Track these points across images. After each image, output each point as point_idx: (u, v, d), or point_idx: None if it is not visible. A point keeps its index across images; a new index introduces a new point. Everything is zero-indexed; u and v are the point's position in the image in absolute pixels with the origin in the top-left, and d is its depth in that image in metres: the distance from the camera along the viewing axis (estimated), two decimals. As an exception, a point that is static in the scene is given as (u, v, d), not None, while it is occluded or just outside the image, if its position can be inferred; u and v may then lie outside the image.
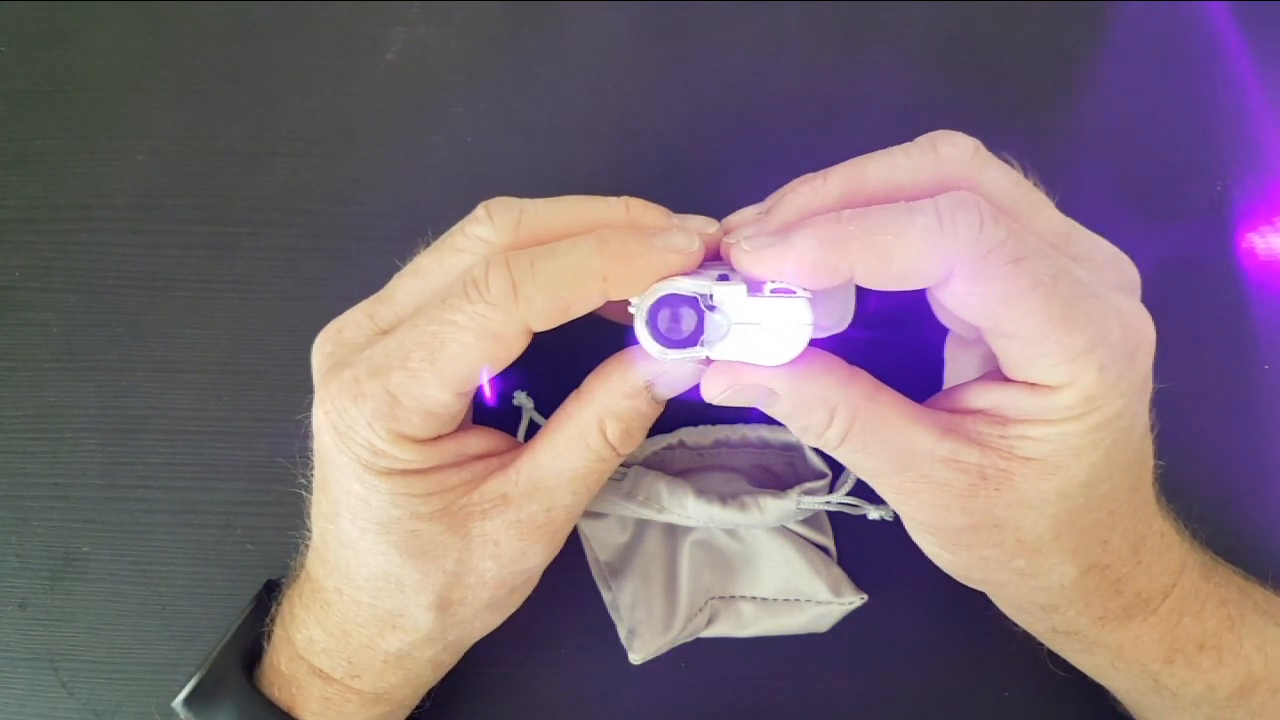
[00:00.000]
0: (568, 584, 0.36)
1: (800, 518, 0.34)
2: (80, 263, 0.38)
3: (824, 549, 0.36)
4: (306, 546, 0.32)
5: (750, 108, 0.39)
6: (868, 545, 0.36)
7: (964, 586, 0.36)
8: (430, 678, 0.33)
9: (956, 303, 0.25)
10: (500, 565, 0.29)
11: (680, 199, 0.31)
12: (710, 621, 0.35)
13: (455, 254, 0.28)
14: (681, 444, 0.36)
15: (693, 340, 0.26)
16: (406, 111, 0.39)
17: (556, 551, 0.30)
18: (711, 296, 0.25)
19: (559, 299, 0.25)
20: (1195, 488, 0.34)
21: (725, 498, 0.33)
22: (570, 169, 0.39)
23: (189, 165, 0.39)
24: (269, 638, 0.32)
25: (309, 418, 0.29)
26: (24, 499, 0.37)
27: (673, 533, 0.36)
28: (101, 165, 0.39)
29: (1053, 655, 0.33)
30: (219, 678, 0.31)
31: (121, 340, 0.38)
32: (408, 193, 0.39)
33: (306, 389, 0.39)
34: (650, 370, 0.27)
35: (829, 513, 0.36)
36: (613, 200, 0.28)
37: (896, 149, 0.27)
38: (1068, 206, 0.39)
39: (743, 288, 0.25)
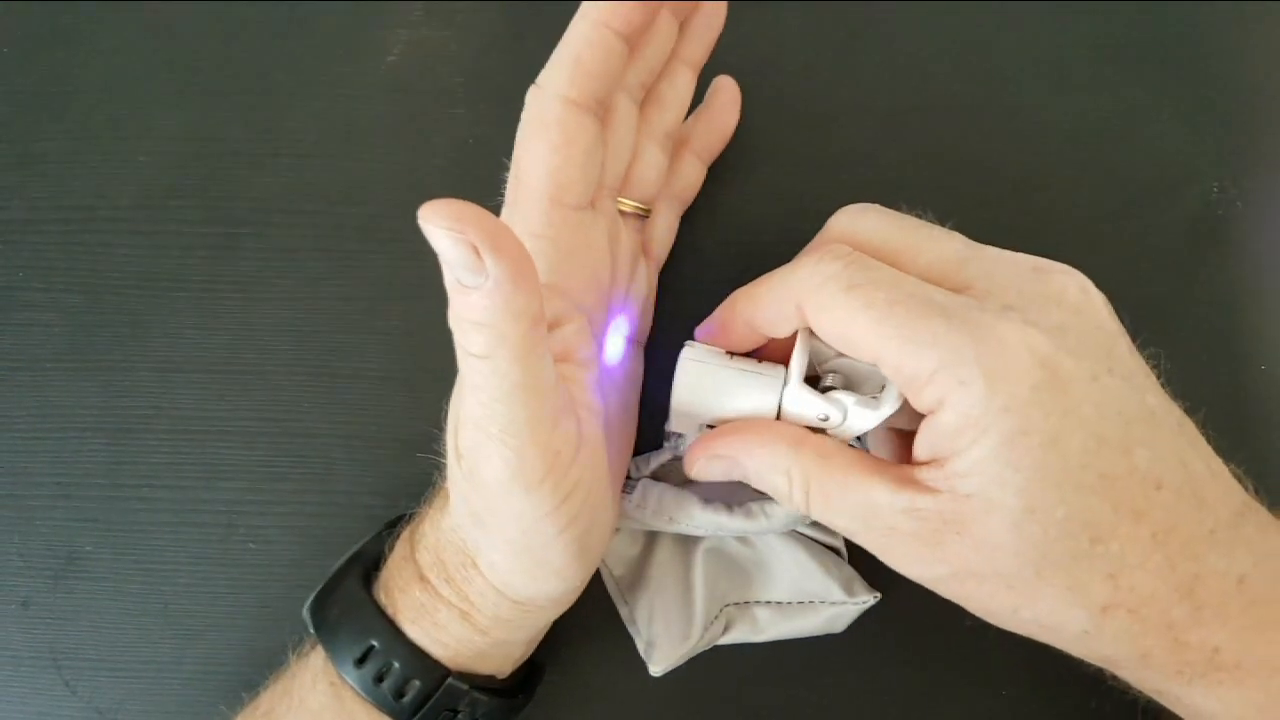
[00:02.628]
0: (569, 583, 0.37)
1: (808, 521, 0.34)
2: (83, 263, 0.39)
3: (834, 550, 0.36)
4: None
5: (750, 108, 0.39)
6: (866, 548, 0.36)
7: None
8: (526, 630, 0.31)
9: (825, 337, 0.27)
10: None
11: (681, 199, 0.31)
12: (726, 629, 0.35)
13: None
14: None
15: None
16: (408, 113, 0.39)
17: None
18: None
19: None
20: (1194, 487, 0.34)
21: (731, 505, 0.33)
22: (571, 169, 0.39)
23: (191, 166, 0.39)
24: (392, 548, 0.32)
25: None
26: (26, 498, 0.38)
27: (684, 543, 0.36)
28: (104, 166, 0.39)
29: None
30: (336, 583, 0.32)
31: (124, 340, 0.38)
32: (409, 193, 0.39)
33: (310, 389, 0.39)
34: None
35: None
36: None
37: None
38: (1067, 206, 0.39)
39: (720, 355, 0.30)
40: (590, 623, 0.37)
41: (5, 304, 0.39)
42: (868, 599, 0.35)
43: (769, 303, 0.28)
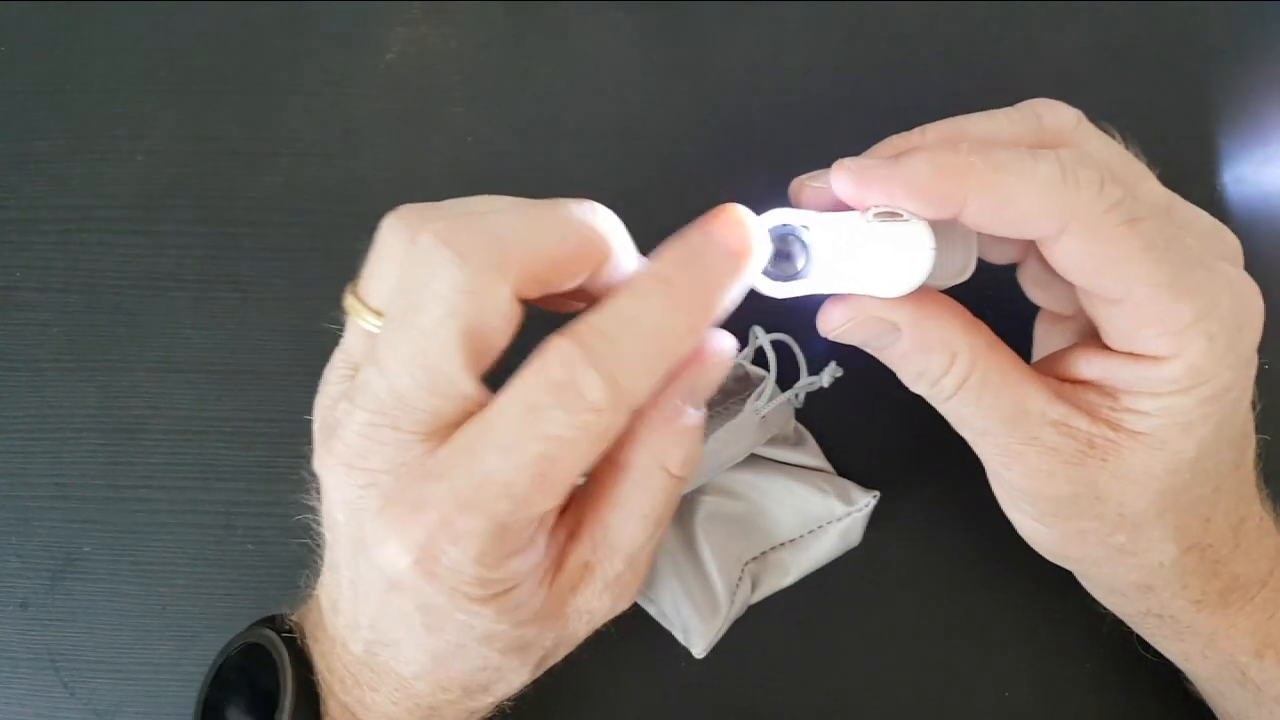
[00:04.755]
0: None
1: (768, 431, 0.34)
2: (80, 263, 0.38)
3: (816, 469, 0.36)
4: (315, 599, 0.29)
5: (750, 108, 0.39)
6: (867, 547, 0.36)
7: (963, 587, 0.37)
8: None
9: (1066, 260, 0.24)
10: (595, 622, 0.28)
11: (680, 199, 0.31)
12: (755, 586, 0.35)
13: (450, 319, 0.23)
14: None
15: (803, 272, 0.25)
16: (407, 111, 0.39)
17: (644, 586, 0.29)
18: (813, 230, 0.24)
19: (656, 372, 0.23)
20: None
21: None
22: (570, 169, 0.39)
23: (189, 165, 0.39)
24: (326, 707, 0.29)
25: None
26: (24, 499, 0.37)
27: (681, 521, 0.36)
28: (102, 165, 0.39)
29: (1140, 639, 0.32)
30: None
31: (122, 340, 0.38)
32: (408, 193, 0.38)
33: (307, 388, 0.39)
34: (680, 388, 0.25)
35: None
36: (580, 211, 0.24)
37: (998, 111, 0.27)
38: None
39: (854, 214, 0.24)
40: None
41: (3, 304, 0.38)
42: (869, 500, 0.35)
43: (1028, 206, 0.23)
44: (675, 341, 0.23)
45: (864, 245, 0.24)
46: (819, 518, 0.35)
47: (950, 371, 0.26)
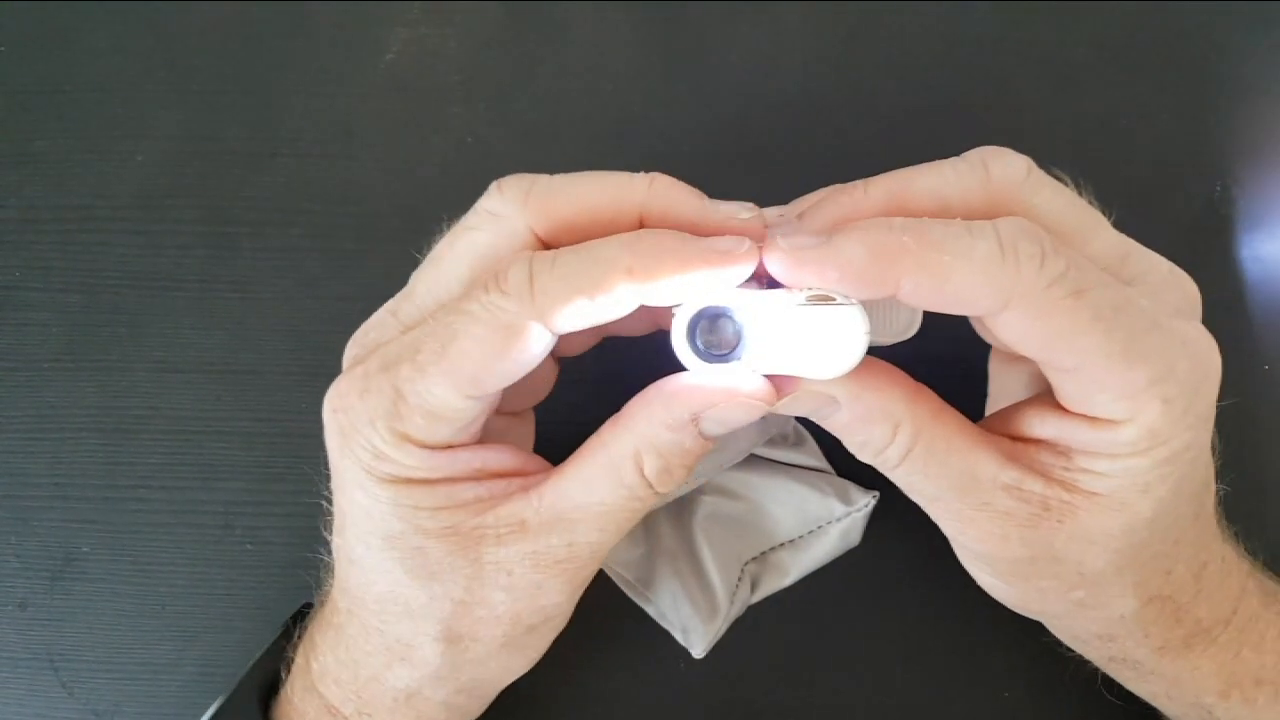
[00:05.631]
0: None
1: (768, 431, 0.34)
2: (80, 263, 0.38)
3: (816, 469, 0.36)
4: (329, 567, 0.30)
5: (750, 108, 0.39)
6: (867, 547, 0.36)
7: (963, 587, 0.36)
8: None
9: (1011, 335, 0.24)
10: (514, 599, 0.26)
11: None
12: (754, 587, 0.35)
13: (466, 232, 0.26)
14: None
15: (735, 354, 0.24)
16: (406, 111, 0.39)
17: (580, 591, 0.28)
18: (743, 311, 0.24)
19: (578, 290, 0.23)
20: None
21: None
22: (570, 169, 0.39)
23: (189, 165, 0.39)
24: (289, 667, 0.31)
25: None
26: (24, 499, 0.37)
27: (680, 522, 0.36)
28: (101, 165, 0.39)
29: (1107, 681, 0.32)
30: (235, 709, 0.30)
31: (121, 340, 0.38)
32: (407, 193, 0.39)
33: (306, 389, 0.39)
34: (699, 401, 0.24)
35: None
36: (636, 176, 0.26)
37: (945, 163, 0.26)
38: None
39: (784, 295, 0.24)
40: (588, 625, 0.37)
41: (2, 303, 0.38)
42: (868, 500, 0.35)
43: (965, 287, 0.23)
44: (609, 269, 0.23)
45: (796, 328, 0.23)
46: (819, 518, 0.35)
47: (894, 442, 0.25)
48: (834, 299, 0.23)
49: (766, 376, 0.25)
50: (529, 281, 0.23)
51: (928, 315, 0.28)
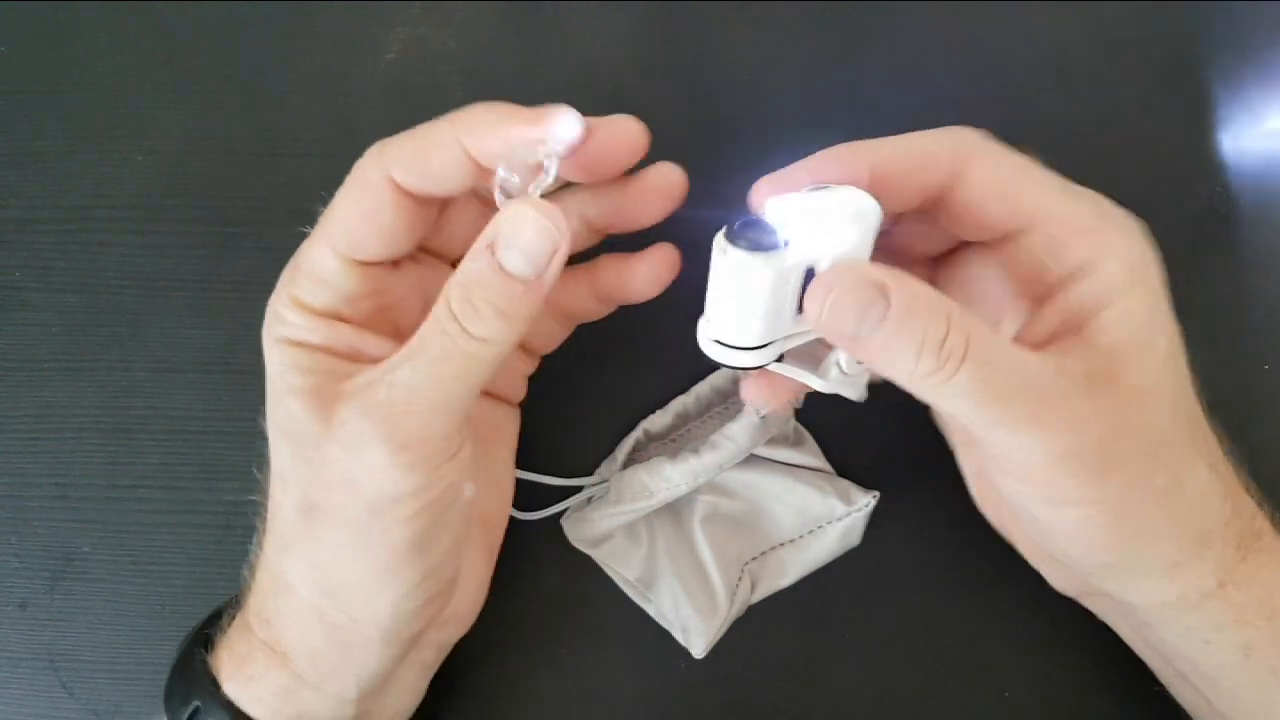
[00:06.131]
0: (568, 585, 0.36)
1: (768, 431, 0.34)
2: (80, 263, 0.38)
3: (816, 469, 0.36)
4: None
5: (750, 108, 0.39)
6: (867, 547, 0.36)
7: (963, 587, 0.37)
8: (323, 642, 0.28)
9: (976, 192, 0.27)
10: (344, 453, 0.26)
11: (680, 199, 0.31)
12: (754, 587, 0.35)
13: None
14: (646, 434, 0.36)
15: (782, 244, 0.25)
16: (406, 111, 0.39)
17: (406, 455, 0.26)
18: (770, 212, 0.26)
19: (413, 142, 0.28)
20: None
21: (698, 450, 0.34)
22: (570, 169, 0.39)
23: (189, 165, 0.39)
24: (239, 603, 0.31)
25: None
26: (24, 499, 0.37)
27: (681, 522, 0.36)
28: (101, 165, 0.39)
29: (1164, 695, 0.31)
30: (184, 647, 0.32)
31: (121, 340, 0.38)
32: (408, 193, 0.39)
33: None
34: (488, 231, 0.26)
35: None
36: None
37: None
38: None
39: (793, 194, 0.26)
40: (588, 625, 0.37)
41: (2, 303, 0.38)
42: (868, 500, 0.35)
43: (928, 148, 0.27)
44: (437, 130, 0.28)
45: (813, 210, 0.25)
46: (819, 518, 0.35)
47: (948, 338, 0.24)
48: (828, 187, 0.26)
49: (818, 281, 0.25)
50: (380, 147, 0.28)
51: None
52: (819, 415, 0.36)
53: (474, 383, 0.26)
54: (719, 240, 0.26)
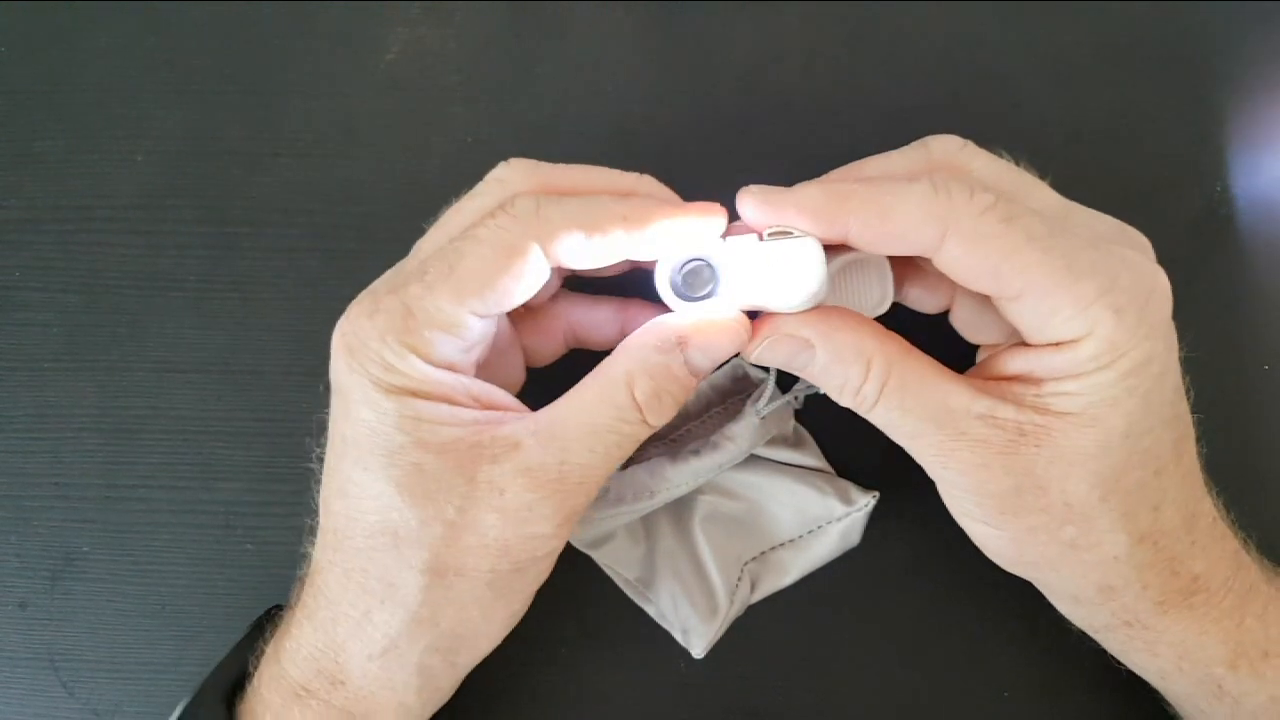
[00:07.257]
0: (568, 584, 0.36)
1: (768, 431, 0.34)
2: (80, 263, 0.38)
3: (817, 469, 0.36)
4: (311, 539, 0.30)
5: (750, 108, 0.39)
6: (867, 547, 0.36)
7: (963, 587, 0.36)
8: (415, 696, 0.29)
9: (956, 267, 0.26)
10: (504, 522, 0.26)
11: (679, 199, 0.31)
12: (754, 587, 0.35)
13: (474, 198, 0.29)
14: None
15: (711, 291, 0.27)
16: (406, 111, 0.39)
17: (566, 526, 0.28)
18: (717, 255, 0.27)
19: (578, 224, 0.26)
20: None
21: (698, 450, 0.34)
22: (570, 169, 0.39)
23: (189, 165, 0.39)
24: (258, 661, 0.30)
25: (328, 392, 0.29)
26: (24, 499, 0.37)
27: (681, 522, 0.36)
28: (102, 165, 0.39)
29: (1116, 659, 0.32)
30: (200, 708, 0.30)
31: (121, 340, 0.38)
32: (408, 193, 0.39)
33: (306, 389, 0.39)
34: (684, 326, 0.27)
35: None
36: (628, 173, 0.29)
37: (892, 152, 0.29)
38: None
39: (752, 237, 0.27)
40: (588, 625, 0.37)
41: (2, 304, 0.38)
42: (868, 500, 0.35)
43: (905, 219, 0.25)
44: (606, 214, 0.26)
45: (762, 261, 0.27)
46: (819, 518, 0.35)
47: (869, 378, 0.27)
48: (792, 233, 0.26)
49: (755, 325, 0.28)
50: (535, 209, 0.26)
51: (910, 315, 0.31)
52: (819, 415, 0.36)
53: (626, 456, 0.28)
54: (659, 275, 0.27)
